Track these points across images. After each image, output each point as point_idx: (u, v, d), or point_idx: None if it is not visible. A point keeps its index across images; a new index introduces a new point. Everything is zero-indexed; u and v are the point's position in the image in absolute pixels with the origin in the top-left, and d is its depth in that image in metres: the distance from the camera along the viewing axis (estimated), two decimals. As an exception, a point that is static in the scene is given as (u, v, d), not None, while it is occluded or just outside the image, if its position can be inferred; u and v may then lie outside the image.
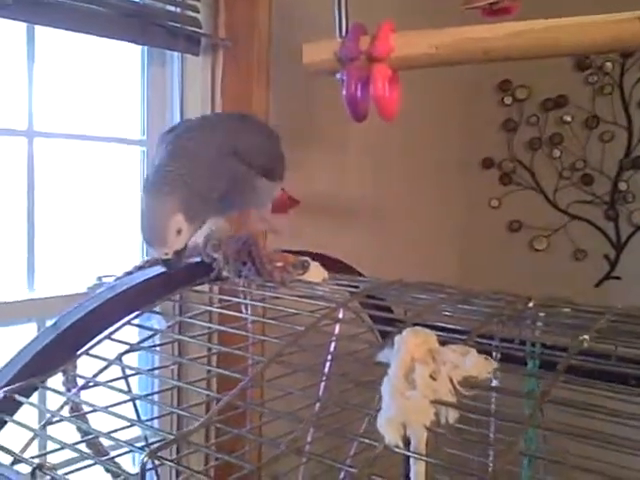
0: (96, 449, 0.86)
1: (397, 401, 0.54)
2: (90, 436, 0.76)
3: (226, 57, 1.65)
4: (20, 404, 0.70)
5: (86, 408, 0.73)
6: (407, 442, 0.59)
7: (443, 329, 0.71)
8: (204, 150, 0.93)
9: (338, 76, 1.01)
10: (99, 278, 1.53)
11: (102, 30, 1.43)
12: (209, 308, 0.88)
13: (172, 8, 1.55)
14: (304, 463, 1.05)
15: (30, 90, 1.40)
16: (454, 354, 0.62)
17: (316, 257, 1.00)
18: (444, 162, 2.39)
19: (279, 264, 0.90)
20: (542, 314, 0.81)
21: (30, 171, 1.41)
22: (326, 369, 1.10)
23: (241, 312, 0.92)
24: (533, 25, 0.89)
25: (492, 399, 0.91)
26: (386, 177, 2.17)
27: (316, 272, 0.93)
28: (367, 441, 0.57)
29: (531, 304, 0.82)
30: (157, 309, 0.88)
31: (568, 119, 2.33)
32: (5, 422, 0.69)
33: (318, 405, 1.06)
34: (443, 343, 0.65)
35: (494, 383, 0.74)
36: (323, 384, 1.01)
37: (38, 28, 1.39)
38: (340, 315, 1.01)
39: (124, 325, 0.83)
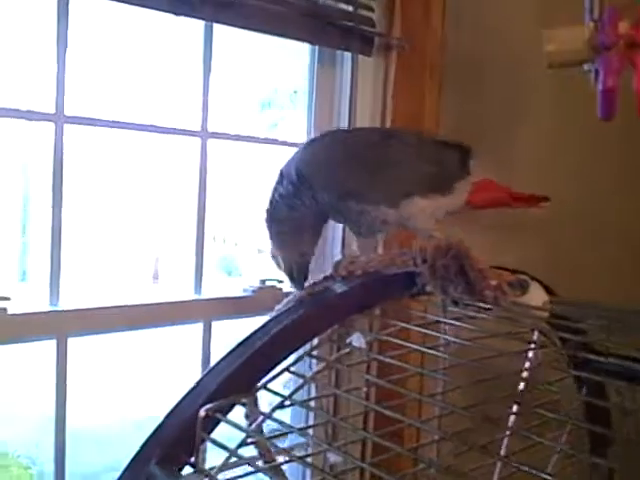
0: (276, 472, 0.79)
1: None
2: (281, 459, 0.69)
3: (399, 58, 1.57)
4: (217, 423, 0.64)
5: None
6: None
7: None
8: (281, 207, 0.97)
9: (586, 67, 0.88)
10: (262, 281, 1.51)
11: (279, 29, 1.39)
12: (407, 325, 0.79)
13: (347, 7, 1.49)
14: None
15: (206, 91, 1.39)
16: None
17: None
18: (628, 169, 2.16)
19: (493, 282, 0.79)
20: None
21: (202, 171, 1.40)
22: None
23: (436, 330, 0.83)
24: None
25: None
26: (558, 187, 1.97)
27: (537, 294, 0.81)
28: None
29: None
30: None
31: None
32: (204, 441, 0.63)
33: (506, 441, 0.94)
34: None
35: None
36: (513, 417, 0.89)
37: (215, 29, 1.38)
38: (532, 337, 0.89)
39: (322, 342, 0.75)
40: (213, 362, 0.75)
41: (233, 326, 1.43)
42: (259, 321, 0.97)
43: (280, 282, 1.47)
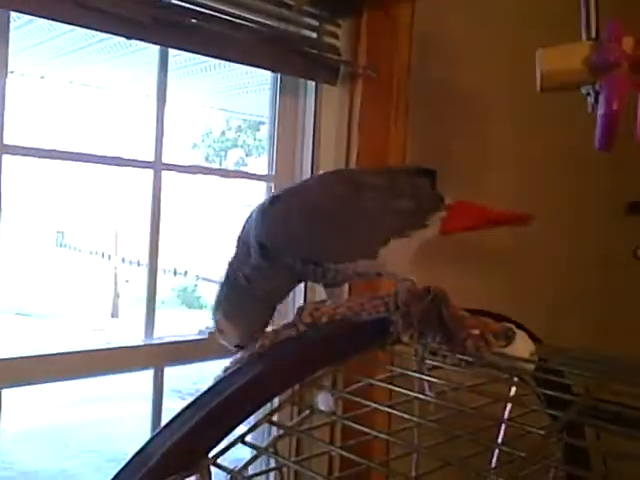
0: None
1: None
2: None
3: (364, 87, 1.51)
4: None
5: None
6: None
7: None
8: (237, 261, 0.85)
9: (584, 90, 0.80)
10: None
11: (239, 56, 1.32)
12: (379, 383, 0.70)
13: (310, 34, 1.43)
14: None
15: (160, 122, 1.30)
16: None
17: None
18: (583, 206, 2.14)
19: (475, 331, 0.71)
20: None
21: (155, 203, 1.30)
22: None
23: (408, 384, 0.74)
24: None
25: None
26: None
27: (523, 344, 0.72)
28: None
29: None
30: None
31: None
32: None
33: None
34: None
35: None
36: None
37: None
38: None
39: (282, 405, 0.65)
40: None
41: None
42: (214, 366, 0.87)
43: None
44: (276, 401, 0.68)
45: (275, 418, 0.64)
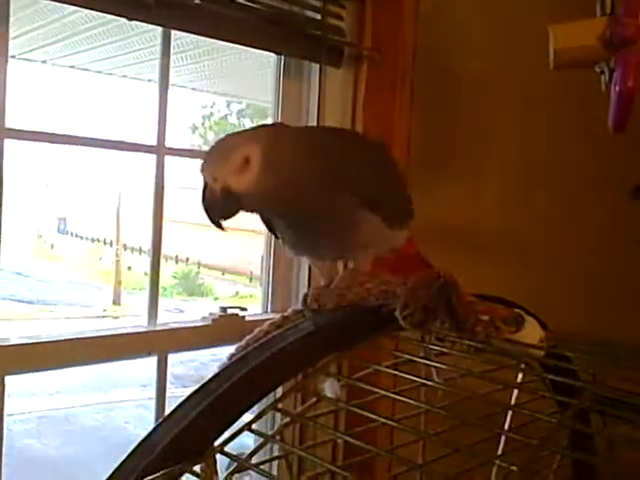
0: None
1: None
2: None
3: (369, 70, 1.48)
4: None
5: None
6: None
7: None
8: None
9: (598, 68, 0.78)
10: (223, 309, 1.39)
11: (243, 38, 1.30)
12: (387, 370, 0.69)
13: (315, 15, 1.41)
14: None
15: (162, 107, 1.28)
16: None
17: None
18: (590, 191, 2.11)
19: (485, 317, 0.70)
20: None
21: (159, 188, 1.29)
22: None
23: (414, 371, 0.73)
24: None
25: None
26: (531, 208, 1.91)
27: (532, 331, 0.71)
28: None
29: None
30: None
31: None
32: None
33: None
34: None
35: None
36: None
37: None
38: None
39: (289, 392, 0.64)
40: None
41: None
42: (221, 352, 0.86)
43: (243, 310, 1.36)
44: (279, 389, 0.67)
45: (280, 406, 0.63)
